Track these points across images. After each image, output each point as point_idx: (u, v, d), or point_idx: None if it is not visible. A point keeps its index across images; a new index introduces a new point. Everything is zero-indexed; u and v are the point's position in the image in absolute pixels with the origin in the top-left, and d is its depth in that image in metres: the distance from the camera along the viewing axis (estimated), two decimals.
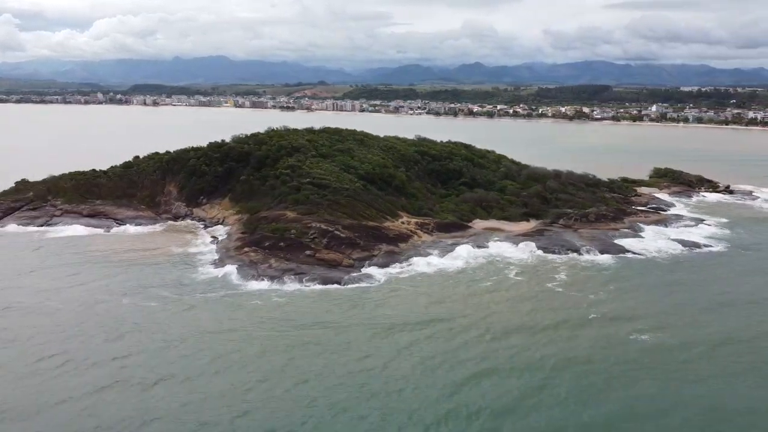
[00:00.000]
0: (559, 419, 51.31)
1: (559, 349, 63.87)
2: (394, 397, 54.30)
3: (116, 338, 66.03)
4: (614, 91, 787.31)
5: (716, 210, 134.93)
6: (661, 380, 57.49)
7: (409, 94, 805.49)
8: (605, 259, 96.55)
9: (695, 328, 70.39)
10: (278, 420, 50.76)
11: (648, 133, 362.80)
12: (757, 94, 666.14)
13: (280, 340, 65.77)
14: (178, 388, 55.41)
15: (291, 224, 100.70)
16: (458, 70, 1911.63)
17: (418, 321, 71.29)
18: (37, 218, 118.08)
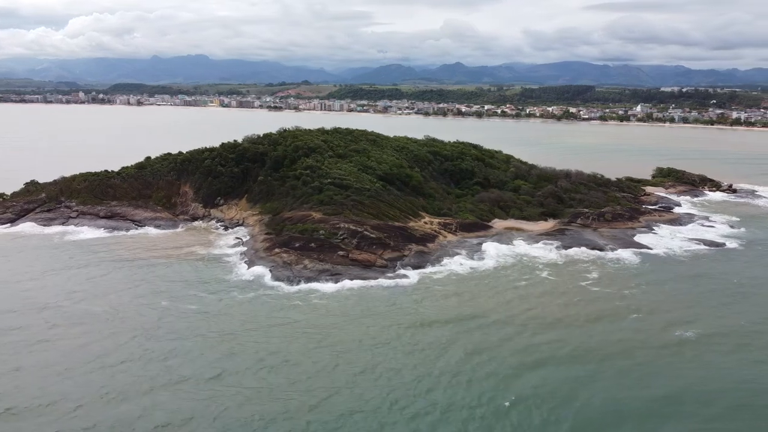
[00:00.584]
0: (612, 405, 53.38)
1: (602, 342, 65.98)
2: (450, 387, 54.99)
3: (165, 339, 65.68)
4: (597, 91, 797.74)
5: (724, 209, 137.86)
6: (702, 369, 59.72)
7: (394, 93, 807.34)
8: (629, 257, 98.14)
9: (726, 319, 72.88)
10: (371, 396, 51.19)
11: (638, 132, 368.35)
12: (736, 95, 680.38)
13: (331, 339, 65.96)
14: (249, 380, 55.44)
15: (318, 225, 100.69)
16: (439, 70, 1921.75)
17: (461, 318, 72.16)
18: (53, 219, 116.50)
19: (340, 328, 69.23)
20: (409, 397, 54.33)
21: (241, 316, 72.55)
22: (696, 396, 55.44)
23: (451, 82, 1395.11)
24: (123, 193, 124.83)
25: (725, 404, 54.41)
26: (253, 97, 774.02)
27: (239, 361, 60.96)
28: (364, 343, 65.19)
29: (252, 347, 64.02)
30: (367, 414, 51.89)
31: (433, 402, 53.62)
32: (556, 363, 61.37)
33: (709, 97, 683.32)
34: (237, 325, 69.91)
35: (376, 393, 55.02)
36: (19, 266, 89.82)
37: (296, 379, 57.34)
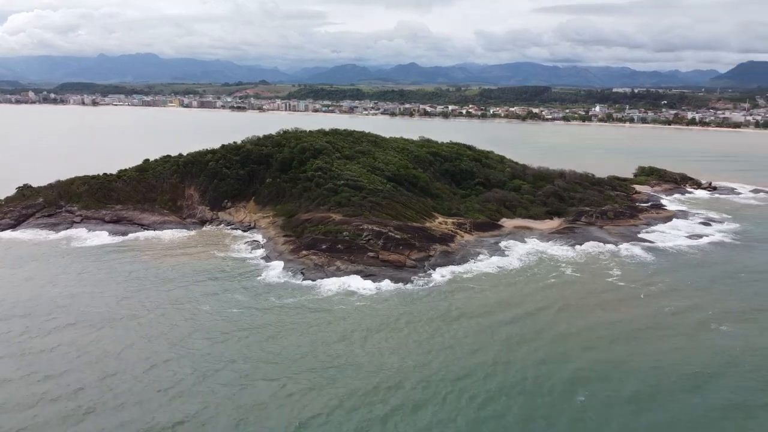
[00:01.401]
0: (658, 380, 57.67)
1: (650, 327, 68.66)
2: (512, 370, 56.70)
3: (219, 342, 65.10)
4: (553, 92, 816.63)
5: (711, 205, 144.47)
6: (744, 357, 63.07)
7: (356, 94, 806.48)
8: (642, 254, 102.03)
9: (749, 313, 76.56)
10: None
11: (603, 132, 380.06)
12: (685, 96, 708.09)
13: (391, 340, 66.64)
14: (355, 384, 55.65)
15: (341, 226, 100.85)
16: (394, 70, 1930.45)
17: (512, 315, 73.96)
18: (56, 225, 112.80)
19: (404, 329, 69.98)
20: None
21: (292, 320, 72.36)
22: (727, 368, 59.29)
23: (407, 82, 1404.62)
24: (127, 197, 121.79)
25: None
26: (214, 97, 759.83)
27: (335, 365, 61.00)
28: (455, 343, 66.12)
29: (324, 351, 64.11)
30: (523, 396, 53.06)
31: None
32: (606, 345, 64.45)
33: (660, 97, 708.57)
34: (293, 328, 69.75)
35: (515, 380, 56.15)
36: (44, 275, 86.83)
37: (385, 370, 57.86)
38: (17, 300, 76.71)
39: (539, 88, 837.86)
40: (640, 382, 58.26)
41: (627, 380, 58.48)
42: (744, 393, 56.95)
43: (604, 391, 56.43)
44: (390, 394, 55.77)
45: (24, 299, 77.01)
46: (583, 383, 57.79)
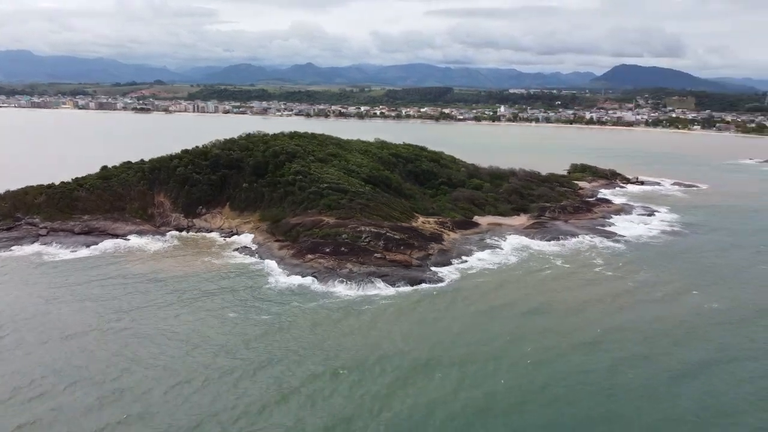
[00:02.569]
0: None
1: (644, 312, 76.51)
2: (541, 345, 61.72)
3: (282, 353, 64.87)
4: (456, 92, 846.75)
5: (647, 198, 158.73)
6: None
7: (261, 95, 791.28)
8: (613, 245, 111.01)
9: (720, 288, 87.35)
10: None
11: (515, 132, 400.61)
12: (577, 97, 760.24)
13: (448, 334, 69.30)
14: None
15: (338, 229, 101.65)
16: (291, 71, 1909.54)
17: (538, 303, 78.97)
18: (20, 239, 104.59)
19: (450, 323, 72.74)
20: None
21: (330, 324, 72.95)
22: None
23: (306, 82, 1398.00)
24: (93, 207, 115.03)
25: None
26: (111, 98, 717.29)
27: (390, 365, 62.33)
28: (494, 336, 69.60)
29: (400, 351, 65.43)
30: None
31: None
32: (624, 324, 71.14)
33: (554, 98, 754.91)
34: (335, 332, 70.45)
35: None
36: (26, 294, 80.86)
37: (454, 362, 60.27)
38: (20, 318, 71.52)
39: (442, 89, 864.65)
40: (657, 331, 65.32)
41: (658, 329, 65.22)
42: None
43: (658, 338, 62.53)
44: (515, 380, 58.45)
45: (24, 317, 71.90)
46: (643, 338, 63.68)
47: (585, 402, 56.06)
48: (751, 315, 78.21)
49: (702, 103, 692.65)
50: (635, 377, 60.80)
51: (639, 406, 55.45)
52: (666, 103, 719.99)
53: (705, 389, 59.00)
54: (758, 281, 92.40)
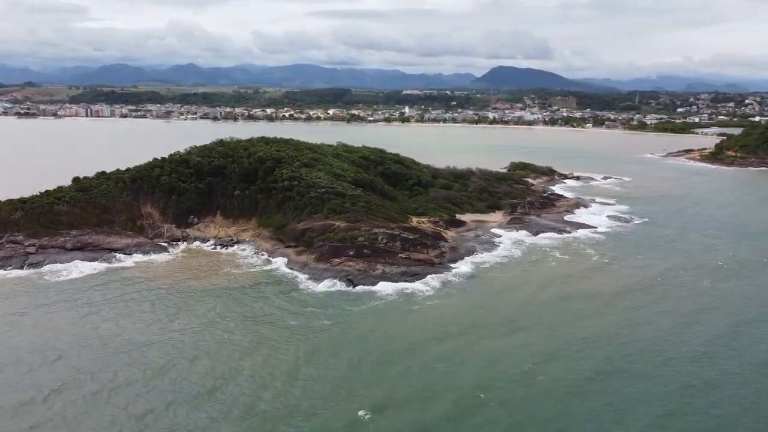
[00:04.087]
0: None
1: (648, 288, 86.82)
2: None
3: (365, 358, 67.09)
4: (354, 94, 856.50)
5: (591, 191, 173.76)
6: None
7: (153, 97, 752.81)
8: (593, 236, 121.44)
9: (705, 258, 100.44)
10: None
11: (431, 132, 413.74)
12: (471, 97, 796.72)
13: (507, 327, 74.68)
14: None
15: (352, 232, 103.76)
16: (172, 71, 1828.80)
17: (571, 290, 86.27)
18: (7, 258, 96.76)
19: (524, 317, 78.12)
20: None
21: (391, 325, 75.92)
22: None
23: (188, 83, 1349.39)
24: (79, 220, 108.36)
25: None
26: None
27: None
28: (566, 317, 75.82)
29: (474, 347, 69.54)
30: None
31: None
32: (642, 302, 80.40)
33: (449, 99, 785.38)
34: (413, 334, 73.31)
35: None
36: (64, 318, 76.64)
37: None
38: (94, 344, 68.10)
39: (340, 90, 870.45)
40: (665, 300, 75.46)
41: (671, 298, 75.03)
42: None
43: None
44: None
45: (94, 343, 68.57)
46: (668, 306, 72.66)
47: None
48: None
49: (582, 103, 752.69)
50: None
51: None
52: (551, 103, 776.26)
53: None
54: (725, 246, 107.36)
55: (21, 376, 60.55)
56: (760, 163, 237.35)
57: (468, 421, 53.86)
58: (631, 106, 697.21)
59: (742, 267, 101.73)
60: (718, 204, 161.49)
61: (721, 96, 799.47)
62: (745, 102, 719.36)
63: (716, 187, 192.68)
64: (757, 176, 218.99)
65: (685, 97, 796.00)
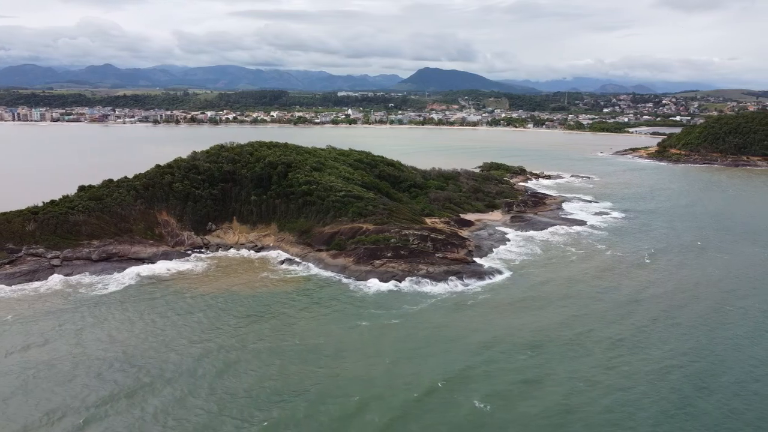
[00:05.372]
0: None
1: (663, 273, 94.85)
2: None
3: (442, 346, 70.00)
4: (291, 96, 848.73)
5: (567, 189, 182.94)
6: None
7: (79, 99, 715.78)
8: (593, 231, 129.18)
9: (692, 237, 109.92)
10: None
11: (385, 133, 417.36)
12: (407, 99, 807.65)
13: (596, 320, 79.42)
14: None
15: (384, 234, 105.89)
16: (87, 72, 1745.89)
17: (609, 282, 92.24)
18: (32, 272, 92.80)
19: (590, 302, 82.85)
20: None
21: (464, 320, 79.08)
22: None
23: (106, 84, 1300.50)
24: (98, 230, 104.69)
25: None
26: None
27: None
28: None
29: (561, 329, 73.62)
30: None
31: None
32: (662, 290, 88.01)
33: (385, 100, 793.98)
34: (483, 326, 76.81)
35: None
36: (120, 336, 75.13)
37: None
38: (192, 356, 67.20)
39: (277, 92, 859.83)
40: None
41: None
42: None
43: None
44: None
45: (162, 356, 67.76)
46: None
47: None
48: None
49: (514, 104, 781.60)
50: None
51: None
52: (485, 104, 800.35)
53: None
54: (701, 230, 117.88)
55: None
56: (702, 160, 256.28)
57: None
58: (560, 107, 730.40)
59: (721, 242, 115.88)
60: (682, 197, 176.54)
61: (639, 97, 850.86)
62: (662, 103, 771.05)
63: (673, 183, 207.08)
64: (704, 172, 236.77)
65: (607, 98, 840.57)
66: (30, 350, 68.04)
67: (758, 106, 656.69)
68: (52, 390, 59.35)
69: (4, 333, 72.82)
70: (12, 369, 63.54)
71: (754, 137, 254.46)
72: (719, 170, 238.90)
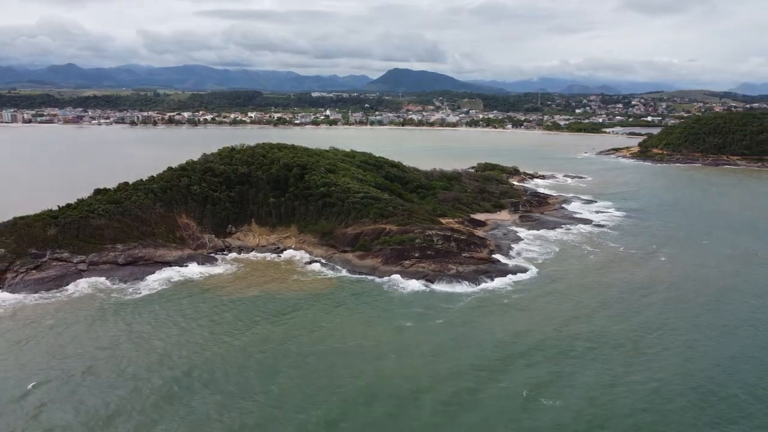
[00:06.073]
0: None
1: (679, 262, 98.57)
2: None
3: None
4: (265, 96, 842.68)
5: (565, 189, 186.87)
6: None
7: (48, 100, 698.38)
8: (600, 230, 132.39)
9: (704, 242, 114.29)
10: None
11: (367, 134, 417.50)
12: (383, 100, 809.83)
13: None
14: None
15: (408, 235, 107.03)
16: (49, 72, 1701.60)
17: (638, 279, 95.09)
18: (60, 278, 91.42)
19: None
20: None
21: (506, 317, 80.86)
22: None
23: (69, 85, 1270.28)
24: (120, 234, 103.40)
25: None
26: None
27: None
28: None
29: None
30: None
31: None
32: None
33: (361, 101, 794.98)
34: (526, 323, 78.69)
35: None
36: (174, 338, 74.87)
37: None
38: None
39: (250, 93, 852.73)
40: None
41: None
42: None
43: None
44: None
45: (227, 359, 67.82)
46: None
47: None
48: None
49: (488, 105, 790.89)
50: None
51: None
52: (460, 105, 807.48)
53: None
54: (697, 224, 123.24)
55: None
56: (684, 160, 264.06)
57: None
58: (534, 108, 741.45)
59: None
60: (677, 195, 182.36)
61: (608, 97, 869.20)
62: (631, 103, 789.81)
63: (661, 182, 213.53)
64: (688, 171, 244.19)
65: (577, 98, 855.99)
66: (79, 355, 67.29)
67: (724, 107, 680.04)
68: (104, 397, 58.69)
69: (43, 339, 71.88)
70: (58, 376, 62.68)
71: (733, 137, 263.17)
72: (703, 169, 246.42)
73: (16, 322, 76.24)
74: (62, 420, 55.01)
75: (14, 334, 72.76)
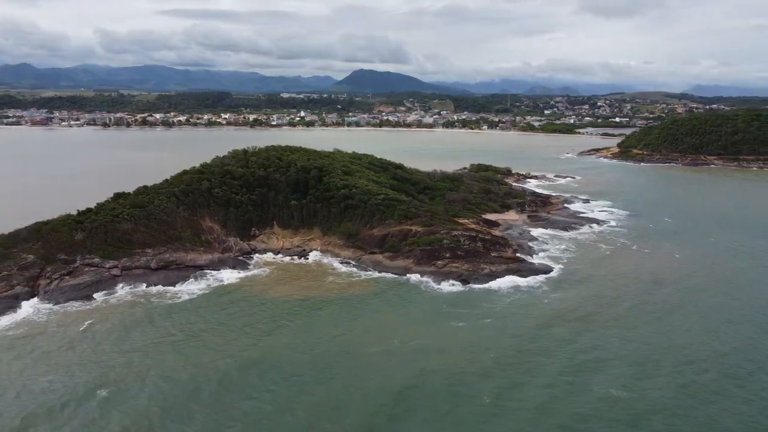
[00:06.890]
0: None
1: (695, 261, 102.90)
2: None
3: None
4: (235, 97, 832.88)
5: (560, 189, 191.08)
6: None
7: (9, 101, 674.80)
8: (607, 228, 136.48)
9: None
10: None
11: (345, 136, 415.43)
12: (354, 101, 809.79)
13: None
14: None
15: (435, 236, 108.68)
16: (2, 71, 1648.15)
17: (657, 275, 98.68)
18: (95, 284, 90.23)
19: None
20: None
21: (549, 314, 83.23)
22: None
23: (24, 85, 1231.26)
24: (150, 238, 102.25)
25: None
26: None
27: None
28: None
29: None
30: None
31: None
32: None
33: (332, 102, 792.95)
34: (572, 318, 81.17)
35: None
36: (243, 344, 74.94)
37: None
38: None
39: (220, 94, 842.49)
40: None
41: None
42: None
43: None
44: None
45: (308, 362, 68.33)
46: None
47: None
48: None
49: (459, 106, 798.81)
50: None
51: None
52: (431, 106, 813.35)
53: None
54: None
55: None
56: (664, 160, 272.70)
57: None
58: (504, 109, 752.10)
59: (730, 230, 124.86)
60: (673, 194, 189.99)
61: (573, 99, 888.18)
62: (597, 104, 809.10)
63: (649, 182, 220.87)
64: (670, 171, 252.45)
65: (544, 100, 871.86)
66: (141, 362, 66.83)
67: (685, 107, 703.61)
68: (186, 404, 58.78)
69: (99, 346, 71.14)
70: (134, 384, 62.25)
71: (709, 138, 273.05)
72: (684, 169, 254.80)
73: (66, 330, 75.00)
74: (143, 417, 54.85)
75: (74, 344, 71.62)
